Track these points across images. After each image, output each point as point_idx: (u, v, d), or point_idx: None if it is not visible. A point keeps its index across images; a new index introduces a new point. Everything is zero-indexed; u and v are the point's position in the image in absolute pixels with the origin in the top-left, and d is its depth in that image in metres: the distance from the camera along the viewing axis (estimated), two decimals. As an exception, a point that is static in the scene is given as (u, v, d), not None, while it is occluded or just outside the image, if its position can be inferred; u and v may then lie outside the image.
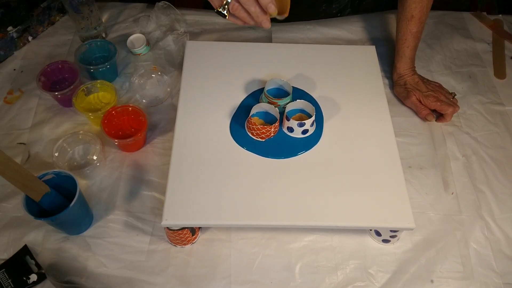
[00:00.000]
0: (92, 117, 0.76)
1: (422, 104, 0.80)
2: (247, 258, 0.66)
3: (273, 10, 0.56)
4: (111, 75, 0.85)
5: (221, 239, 0.68)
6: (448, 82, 0.88)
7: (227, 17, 0.59)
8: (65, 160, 0.74)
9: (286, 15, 0.59)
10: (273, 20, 0.61)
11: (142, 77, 0.84)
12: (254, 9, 0.56)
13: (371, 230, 0.68)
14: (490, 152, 0.79)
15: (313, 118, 0.67)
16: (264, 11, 0.57)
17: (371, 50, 0.81)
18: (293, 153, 0.67)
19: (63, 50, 0.90)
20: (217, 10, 0.58)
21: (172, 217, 0.60)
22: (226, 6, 0.57)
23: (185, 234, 0.64)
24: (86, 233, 0.68)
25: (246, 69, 0.77)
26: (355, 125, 0.71)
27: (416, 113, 0.82)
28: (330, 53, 0.80)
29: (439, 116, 0.82)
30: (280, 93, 0.73)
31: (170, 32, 0.91)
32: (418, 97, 0.80)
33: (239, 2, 0.56)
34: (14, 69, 0.87)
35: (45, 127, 0.78)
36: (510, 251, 0.69)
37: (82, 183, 0.72)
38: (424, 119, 0.81)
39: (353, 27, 0.96)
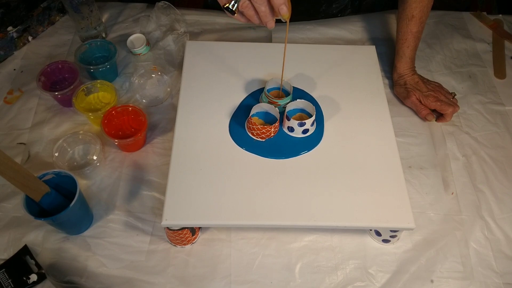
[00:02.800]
0: (92, 117, 0.76)
1: (422, 104, 0.80)
2: (247, 258, 0.66)
3: (285, 12, 0.54)
4: (111, 75, 0.85)
5: (221, 239, 0.68)
6: (448, 82, 0.88)
7: (235, 14, 0.57)
8: (65, 160, 0.74)
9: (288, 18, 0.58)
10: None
11: (142, 77, 0.84)
12: (264, 8, 0.55)
13: (371, 230, 0.68)
14: (490, 152, 0.79)
15: (313, 117, 0.67)
16: (272, 11, 0.56)
17: (371, 50, 0.81)
18: (293, 153, 0.67)
19: (63, 50, 0.90)
20: (226, 6, 0.56)
21: (172, 217, 0.60)
22: (236, 3, 0.56)
23: (185, 234, 0.64)
24: (86, 233, 0.68)
25: (246, 69, 0.77)
26: (355, 125, 0.71)
27: (416, 113, 0.82)
28: (330, 53, 0.80)
29: (439, 116, 0.82)
30: (279, 93, 0.73)
31: (170, 32, 0.91)
32: (418, 97, 0.80)
33: (250, 0, 0.55)
34: (14, 69, 0.87)
35: (45, 127, 0.78)
36: (510, 251, 0.69)
37: (82, 183, 0.72)
38: (424, 119, 0.81)
39: (353, 27, 0.96)
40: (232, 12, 0.56)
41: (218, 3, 0.57)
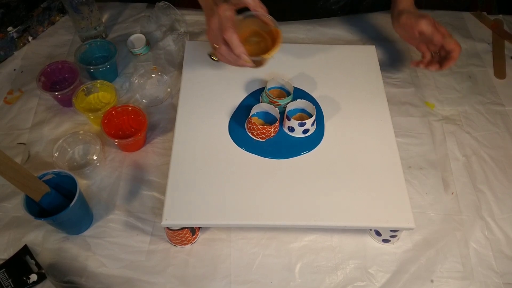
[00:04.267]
0: (92, 117, 0.76)
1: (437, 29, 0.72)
2: (247, 258, 0.66)
3: (245, 59, 0.60)
4: (111, 75, 0.85)
5: (221, 239, 0.68)
6: (448, 82, 0.88)
7: (218, 61, 0.66)
8: (65, 160, 0.74)
9: (269, 56, 0.63)
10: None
11: (142, 77, 0.84)
12: (232, 58, 0.62)
13: (371, 230, 0.68)
14: (490, 152, 0.79)
15: (313, 117, 0.67)
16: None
17: (371, 50, 0.81)
18: (293, 153, 0.67)
19: (63, 50, 0.90)
20: (209, 54, 0.65)
21: (172, 217, 0.60)
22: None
23: (185, 234, 0.64)
24: (86, 233, 0.68)
25: (246, 69, 0.76)
26: (355, 125, 0.71)
27: (426, 41, 0.74)
28: (330, 53, 0.80)
29: (444, 60, 0.73)
30: (280, 92, 0.73)
31: (170, 32, 0.91)
32: (432, 20, 0.72)
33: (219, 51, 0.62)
34: (14, 69, 0.87)
35: (45, 127, 0.78)
36: (510, 251, 0.69)
37: (82, 183, 0.72)
38: (438, 42, 0.72)
39: (353, 27, 0.96)
40: (215, 60, 0.66)
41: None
